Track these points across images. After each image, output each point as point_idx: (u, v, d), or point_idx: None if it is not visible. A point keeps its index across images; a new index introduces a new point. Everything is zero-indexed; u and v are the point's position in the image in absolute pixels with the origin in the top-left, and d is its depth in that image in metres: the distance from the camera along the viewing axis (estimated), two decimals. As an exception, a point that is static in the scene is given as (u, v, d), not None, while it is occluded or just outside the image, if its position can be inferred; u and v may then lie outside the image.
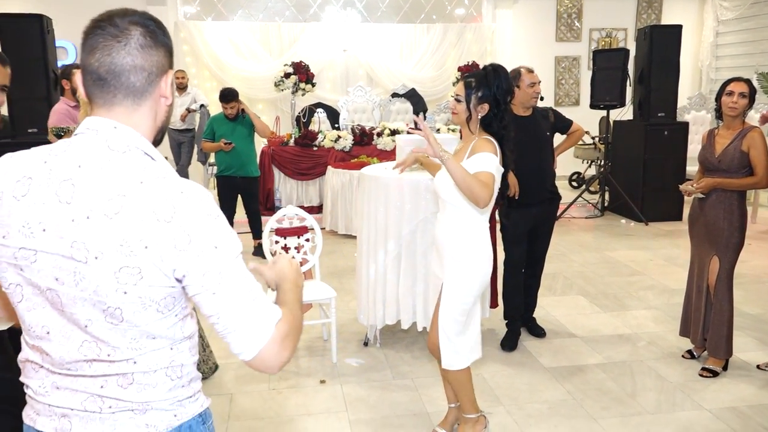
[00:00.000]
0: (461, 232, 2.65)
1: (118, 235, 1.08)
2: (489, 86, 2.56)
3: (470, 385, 2.80)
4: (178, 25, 9.68)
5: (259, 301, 1.17)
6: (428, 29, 10.20)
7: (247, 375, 3.61)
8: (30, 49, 5.69)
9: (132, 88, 1.18)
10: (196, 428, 1.27)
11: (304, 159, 7.55)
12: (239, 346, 1.16)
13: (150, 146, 1.20)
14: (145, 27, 1.21)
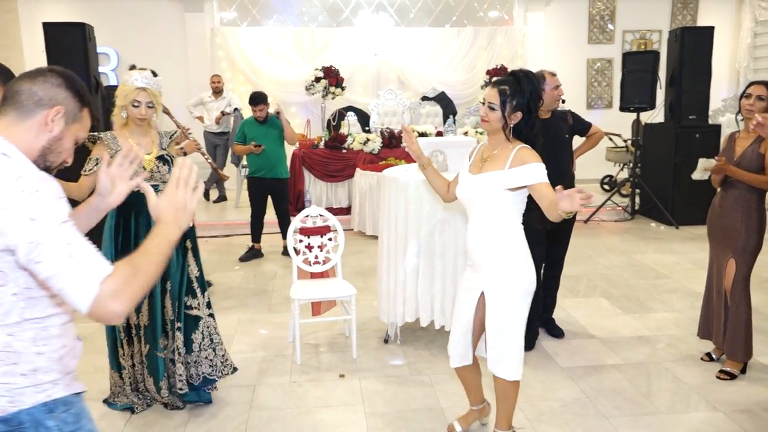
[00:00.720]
0: (506, 238, 2.59)
1: None
2: (523, 94, 2.52)
3: (515, 396, 2.74)
4: (214, 31, 9.97)
5: (83, 263, 1.30)
6: (459, 33, 10.27)
7: (270, 368, 3.76)
8: (73, 56, 5.97)
9: (18, 105, 1.47)
10: (39, 416, 1.38)
11: (333, 161, 7.71)
12: (73, 303, 1.30)
13: (9, 147, 1.41)
14: (61, 76, 1.52)
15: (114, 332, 3.23)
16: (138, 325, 3.22)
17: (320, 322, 4.35)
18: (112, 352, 3.27)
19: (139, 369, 3.26)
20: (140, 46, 9.72)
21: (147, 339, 3.21)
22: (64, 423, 1.43)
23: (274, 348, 4.07)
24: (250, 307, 4.88)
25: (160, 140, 3.22)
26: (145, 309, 3.19)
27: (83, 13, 9.18)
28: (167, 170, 3.18)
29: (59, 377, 1.44)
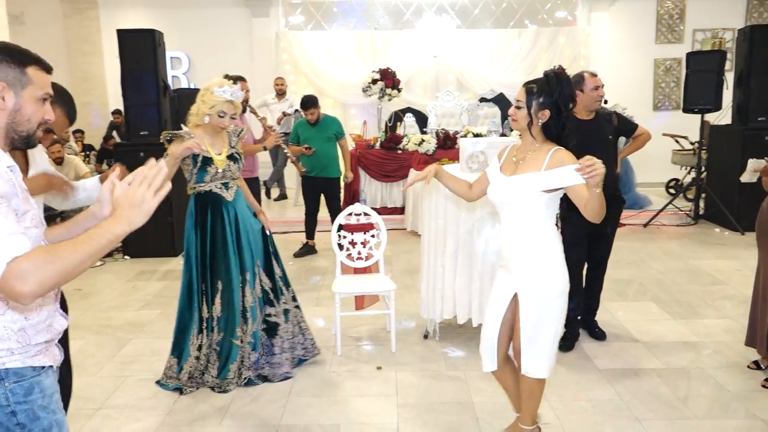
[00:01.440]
0: (540, 239, 2.57)
1: None
2: (551, 93, 2.49)
3: (540, 395, 2.74)
4: (279, 35, 10.32)
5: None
6: (520, 34, 10.21)
7: (311, 359, 3.92)
8: (143, 61, 6.35)
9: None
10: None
11: (388, 161, 7.84)
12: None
13: None
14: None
15: (185, 323, 3.46)
16: (210, 317, 3.45)
17: (364, 316, 4.48)
18: (179, 340, 3.50)
19: (204, 359, 3.47)
20: (210, 50, 10.19)
21: (220, 328, 3.46)
22: (11, 393, 1.48)
23: (318, 339, 4.20)
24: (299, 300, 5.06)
25: (229, 139, 3.45)
26: (218, 302, 3.43)
27: (158, 19, 9.70)
28: (237, 168, 3.44)
29: (17, 347, 1.48)
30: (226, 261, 3.42)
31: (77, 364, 3.87)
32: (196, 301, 3.46)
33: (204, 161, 3.31)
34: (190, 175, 3.37)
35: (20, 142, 1.59)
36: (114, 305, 5.05)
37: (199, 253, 3.41)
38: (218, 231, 3.41)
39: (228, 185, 3.44)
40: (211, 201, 3.38)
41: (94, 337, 4.35)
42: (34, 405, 1.53)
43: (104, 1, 10.38)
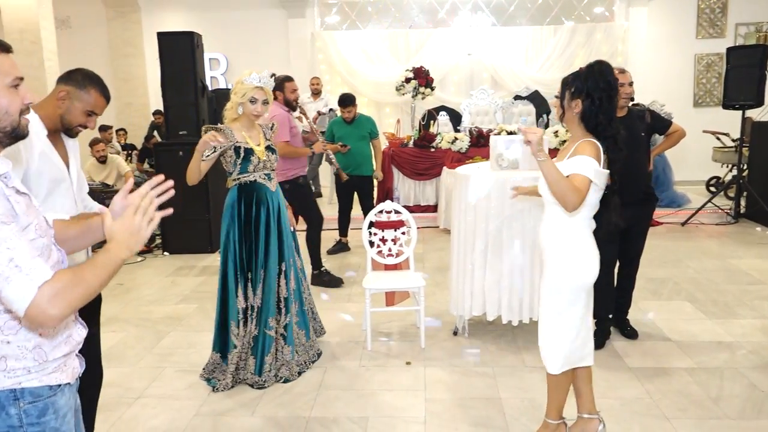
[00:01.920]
0: (562, 232, 2.62)
1: None
2: (582, 82, 2.52)
3: (563, 391, 2.74)
4: (314, 35, 10.45)
5: (23, 268, 1.31)
6: (555, 30, 10.13)
7: (342, 353, 4.00)
8: (182, 62, 6.53)
9: None
10: (4, 401, 1.41)
11: (422, 160, 7.88)
12: (11, 305, 1.32)
13: None
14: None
15: (228, 314, 3.51)
16: (252, 306, 3.52)
17: (395, 313, 4.55)
18: (221, 335, 3.55)
19: (245, 349, 3.55)
20: (247, 51, 10.39)
21: (258, 320, 3.54)
22: (25, 414, 1.43)
23: (348, 334, 4.31)
24: (332, 297, 5.16)
25: (264, 132, 3.57)
26: (260, 291, 3.51)
27: (197, 22, 9.94)
28: (275, 159, 3.55)
29: (33, 365, 1.44)
30: (267, 249, 3.50)
31: (118, 355, 4.05)
32: (234, 292, 3.50)
33: (246, 152, 3.41)
34: (234, 167, 3.44)
35: (8, 138, 1.48)
36: (153, 299, 5.22)
37: (243, 243, 3.47)
38: (262, 220, 3.49)
39: (270, 176, 3.56)
40: (256, 190, 3.48)
41: (134, 329, 4.52)
42: (46, 427, 1.48)
43: (146, 5, 10.67)
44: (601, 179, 2.53)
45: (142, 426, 3.18)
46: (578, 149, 2.54)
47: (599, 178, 2.52)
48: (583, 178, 2.45)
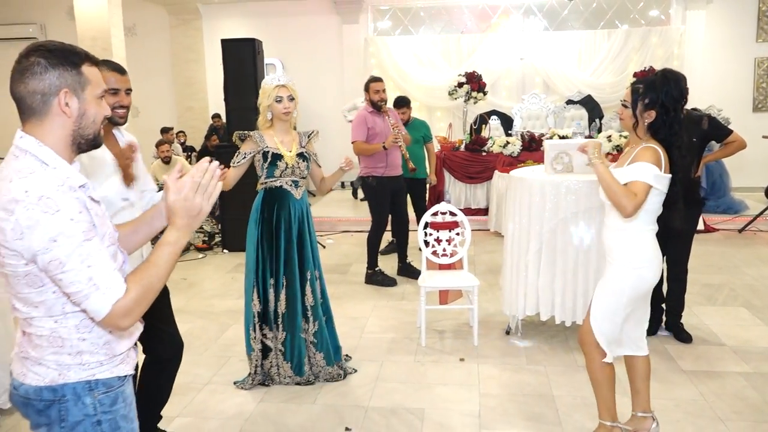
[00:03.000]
0: (625, 236, 2.66)
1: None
2: (657, 93, 2.53)
3: (606, 388, 2.78)
4: (367, 40, 10.66)
5: (100, 285, 1.42)
6: (609, 35, 10.07)
7: (397, 348, 4.14)
8: (244, 68, 6.80)
9: (31, 110, 1.49)
10: (80, 392, 1.54)
11: (473, 163, 7.97)
12: (90, 315, 1.46)
13: (43, 149, 1.46)
14: (40, 56, 1.47)
15: (247, 318, 3.56)
16: (276, 312, 3.55)
17: (448, 311, 4.67)
18: (246, 335, 3.61)
19: (274, 355, 3.58)
20: (302, 57, 10.69)
21: (285, 326, 3.55)
22: (99, 403, 1.56)
23: (403, 331, 4.45)
24: (386, 295, 5.31)
25: (300, 139, 3.59)
26: (283, 298, 3.53)
27: (254, 28, 10.27)
28: (306, 166, 3.55)
29: (105, 359, 1.57)
30: (288, 256, 3.51)
31: (186, 344, 4.23)
32: (250, 295, 3.54)
33: (274, 157, 3.43)
34: (261, 170, 3.48)
35: (87, 146, 1.57)
36: (215, 294, 5.47)
37: (263, 247, 3.50)
38: (283, 226, 3.50)
39: (297, 183, 3.55)
40: (279, 197, 3.49)
41: (200, 321, 4.76)
42: (117, 415, 1.60)
43: (206, 13, 11.09)
44: (662, 183, 2.58)
45: (212, 410, 3.39)
46: (638, 156, 2.59)
47: (660, 183, 2.57)
48: (642, 184, 2.51)
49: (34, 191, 1.39)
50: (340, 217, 8.26)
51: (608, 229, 2.75)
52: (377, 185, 5.52)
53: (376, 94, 5.42)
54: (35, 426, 1.58)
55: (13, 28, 11.34)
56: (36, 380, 1.53)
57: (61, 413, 1.53)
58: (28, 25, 11.36)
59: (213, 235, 7.41)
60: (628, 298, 2.66)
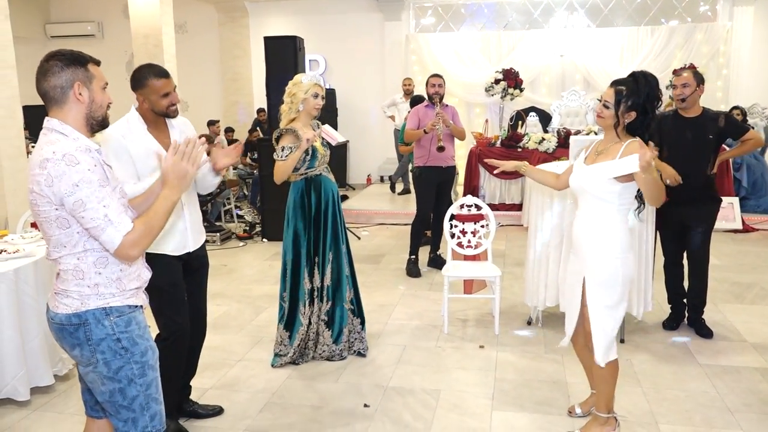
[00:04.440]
0: (603, 227, 2.76)
1: (29, 179, 1.87)
2: (639, 95, 2.65)
3: (612, 382, 2.88)
4: (408, 37, 10.82)
5: (114, 221, 1.84)
6: (653, 31, 9.96)
7: (420, 334, 4.32)
8: (285, 64, 7.05)
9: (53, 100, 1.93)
10: (99, 316, 1.94)
11: (509, 159, 8.02)
12: (105, 246, 1.87)
13: (65, 127, 1.90)
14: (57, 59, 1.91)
15: (297, 295, 3.84)
16: (322, 286, 3.86)
17: (473, 302, 4.82)
18: (290, 313, 3.86)
19: (314, 327, 3.89)
20: (344, 53, 10.93)
21: (329, 296, 3.87)
22: (115, 325, 1.95)
23: (428, 318, 4.62)
24: (414, 285, 5.49)
25: (314, 129, 3.87)
26: (329, 270, 3.85)
27: (299, 25, 10.57)
28: (328, 153, 3.93)
29: (116, 292, 1.97)
30: (334, 232, 3.85)
31: (223, 324, 4.56)
32: (302, 275, 3.83)
33: (312, 149, 3.74)
34: (303, 163, 3.75)
35: (98, 126, 1.99)
36: (253, 280, 5.75)
37: (311, 230, 3.81)
38: (329, 207, 3.84)
39: (328, 168, 3.93)
40: (322, 182, 3.84)
41: (237, 304, 5.04)
42: (132, 334, 1.98)
43: (253, 10, 11.43)
44: None
45: (243, 384, 3.65)
46: (632, 148, 2.66)
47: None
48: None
49: (59, 151, 1.83)
50: (376, 210, 8.46)
51: (586, 221, 2.82)
52: (420, 175, 5.75)
53: (432, 87, 5.68)
54: (72, 347, 1.98)
55: (74, 26, 11.96)
56: (65, 309, 1.94)
57: (87, 334, 1.94)
58: (87, 23, 11.96)
59: (254, 225, 7.73)
60: (621, 285, 2.77)
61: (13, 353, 3.28)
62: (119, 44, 11.24)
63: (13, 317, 3.27)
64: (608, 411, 2.95)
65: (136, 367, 1.99)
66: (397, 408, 3.32)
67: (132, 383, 1.98)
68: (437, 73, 5.88)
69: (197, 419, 3.22)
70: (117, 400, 1.99)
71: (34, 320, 3.36)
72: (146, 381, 2.02)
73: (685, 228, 4.11)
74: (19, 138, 5.61)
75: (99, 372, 1.97)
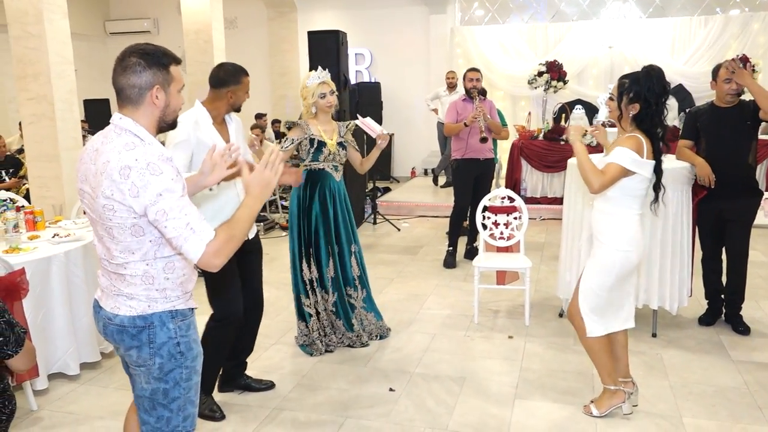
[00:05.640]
0: (610, 218, 2.89)
1: (104, 184, 1.78)
2: (640, 87, 2.75)
3: (603, 355, 3.01)
4: (453, 30, 10.82)
5: (196, 230, 1.79)
6: (706, 21, 9.66)
7: (451, 323, 4.39)
8: (329, 58, 7.18)
9: (128, 99, 1.88)
10: (165, 319, 1.94)
11: (551, 152, 7.98)
12: (187, 257, 1.83)
13: (139, 128, 1.85)
14: (139, 57, 1.85)
15: (298, 287, 3.97)
16: (322, 277, 3.95)
17: (506, 293, 4.86)
18: (297, 305, 4.03)
19: (324, 316, 3.99)
20: (390, 47, 11.02)
21: (334, 288, 3.97)
22: (178, 328, 1.96)
23: (459, 308, 4.68)
24: (449, 276, 5.55)
25: (339, 129, 3.98)
26: (332, 264, 3.95)
27: (346, 20, 10.71)
28: (344, 154, 3.98)
29: (181, 295, 1.98)
30: (336, 229, 3.93)
31: (260, 309, 4.73)
32: (299, 265, 3.93)
33: (319, 144, 3.84)
34: (307, 155, 3.87)
35: (167, 128, 1.98)
36: (293, 268, 5.93)
37: (304, 220, 3.91)
38: (329, 202, 3.92)
39: (337, 168, 3.97)
40: (321, 177, 3.92)
41: (275, 291, 5.22)
42: (190, 338, 2.00)
43: (302, 6, 11.64)
44: (643, 169, 2.77)
45: (276, 365, 3.80)
46: (618, 142, 2.82)
47: (641, 168, 2.76)
48: (614, 165, 2.74)
49: (142, 159, 1.77)
50: (417, 202, 8.53)
51: (596, 212, 2.97)
52: (458, 167, 5.81)
53: (470, 82, 5.73)
54: (127, 349, 1.96)
55: (130, 23, 12.45)
56: (129, 311, 1.92)
57: (150, 336, 1.93)
58: (143, 20, 12.42)
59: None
60: (615, 276, 2.89)
61: (64, 330, 3.53)
62: (173, 40, 11.58)
63: (63, 297, 3.52)
64: (614, 383, 3.04)
65: (185, 372, 2.00)
66: (421, 393, 3.41)
67: (177, 386, 1.99)
68: (475, 67, 5.90)
69: (250, 392, 3.45)
70: (158, 398, 1.98)
71: (83, 300, 3.60)
72: (190, 385, 2.03)
73: (723, 222, 4.03)
74: (76, 130, 5.92)
75: (149, 372, 1.97)
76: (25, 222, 3.99)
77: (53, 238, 3.74)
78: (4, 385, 2.36)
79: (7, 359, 2.25)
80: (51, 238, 3.75)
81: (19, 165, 7.08)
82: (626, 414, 3.08)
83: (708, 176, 3.84)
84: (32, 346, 2.35)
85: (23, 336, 2.27)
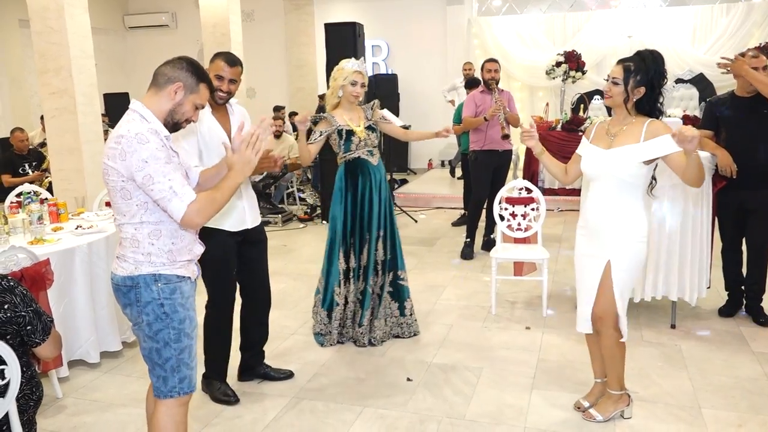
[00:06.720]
0: (626, 210, 2.76)
1: (106, 151, 2.06)
2: (647, 71, 2.66)
3: (623, 360, 2.94)
4: (470, 21, 10.76)
5: (179, 193, 2.03)
6: (728, 9, 9.51)
7: (468, 314, 4.40)
8: (345, 50, 7.18)
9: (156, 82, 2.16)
10: (149, 281, 2.13)
11: (569, 143, 7.90)
12: (171, 215, 2.06)
13: (145, 111, 2.11)
14: (186, 61, 2.18)
15: (331, 276, 3.96)
16: (358, 266, 3.95)
17: (524, 284, 4.86)
18: (326, 294, 3.98)
19: (351, 306, 3.97)
20: (406, 38, 11.00)
21: (364, 277, 3.96)
22: (161, 291, 2.14)
23: (477, 300, 4.69)
24: (466, 267, 5.56)
25: (365, 113, 3.92)
26: (366, 252, 3.92)
27: (363, 12, 10.70)
28: (375, 136, 3.92)
29: (167, 262, 2.16)
30: (370, 215, 3.88)
31: (279, 300, 4.77)
32: (337, 256, 3.93)
33: (347, 134, 3.81)
34: (339, 147, 3.85)
35: (171, 128, 2.18)
36: (310, 259, 5.96)
37: (349, 212, 3.89)
38: (367, 189, 3.88)
39: (372, 152, 3.92)
40: (360, 165, 3.88)
41: (293, 282, 5.26)
42: (175, 302, 2.16)
43: (318, -2, 11.66)
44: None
45: (295, 355, 3.84)
46: (656, 130, 2.66)
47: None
48: (680, 153, 2.60)
49: (133, 130, 2.04)
50: (435, 194, 8.53)
51: (609, 206, 2.80)
52: (476, 159, 5.80)
53: (488, 73, 5.68)
54: (124, 306, 2.21)
55: (148, 17, 12.54)
56: (122, 272, 2.16)
57: (137, 296, 2.15)
58: (161, 14, 12.50)
59: (315, 207, 7.97)
60: (637, 272, 2.86)
61: (86, 319, 3.60)
62: (191, 34, 11.70)
63: (86, 286, 3.58)
64: (621, 388, 2.99)
65: (173, 333, 2.17)
66: (438, 383, 3.43)
67: (167, 346, 2.17)
68: (492, 58, 5.87)
69: (269, 381, 3.50)
70: (153, 357, 2.19)
71: (105, 290, 3.67)
72: (180, 346, 2.19)
73: (744, 212, 3.99)
74: (96, 123, 6.00)
75: (143, 330, 2.18)
76: (49, 214, 4.07)
77: (76, 229, 3.80)
78: (31, 372, 2.42)
79: (35, 347, 2.32)
80: (74, 229, 3.82)
81: (42, 158, 7.21)
82: (627, 418, 3.01)
83: (729, 166, 3.81)
84: (59, 335, 2.43)
85: (50, 324, 2.36)
